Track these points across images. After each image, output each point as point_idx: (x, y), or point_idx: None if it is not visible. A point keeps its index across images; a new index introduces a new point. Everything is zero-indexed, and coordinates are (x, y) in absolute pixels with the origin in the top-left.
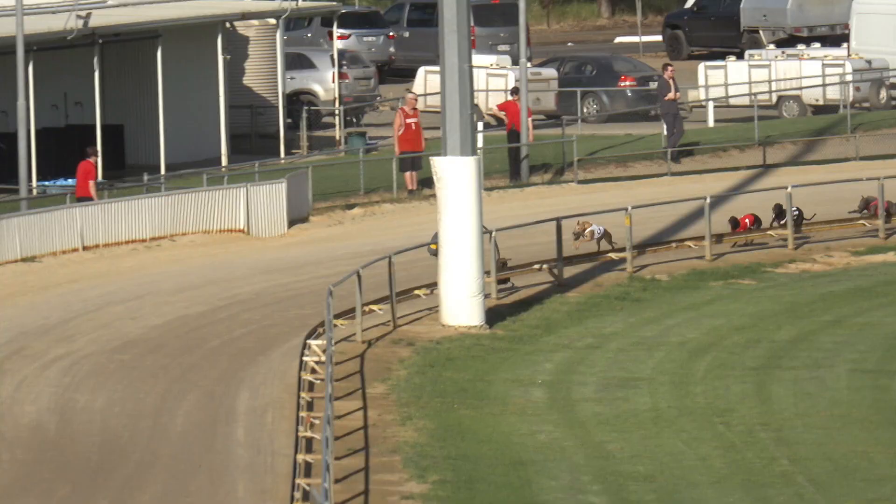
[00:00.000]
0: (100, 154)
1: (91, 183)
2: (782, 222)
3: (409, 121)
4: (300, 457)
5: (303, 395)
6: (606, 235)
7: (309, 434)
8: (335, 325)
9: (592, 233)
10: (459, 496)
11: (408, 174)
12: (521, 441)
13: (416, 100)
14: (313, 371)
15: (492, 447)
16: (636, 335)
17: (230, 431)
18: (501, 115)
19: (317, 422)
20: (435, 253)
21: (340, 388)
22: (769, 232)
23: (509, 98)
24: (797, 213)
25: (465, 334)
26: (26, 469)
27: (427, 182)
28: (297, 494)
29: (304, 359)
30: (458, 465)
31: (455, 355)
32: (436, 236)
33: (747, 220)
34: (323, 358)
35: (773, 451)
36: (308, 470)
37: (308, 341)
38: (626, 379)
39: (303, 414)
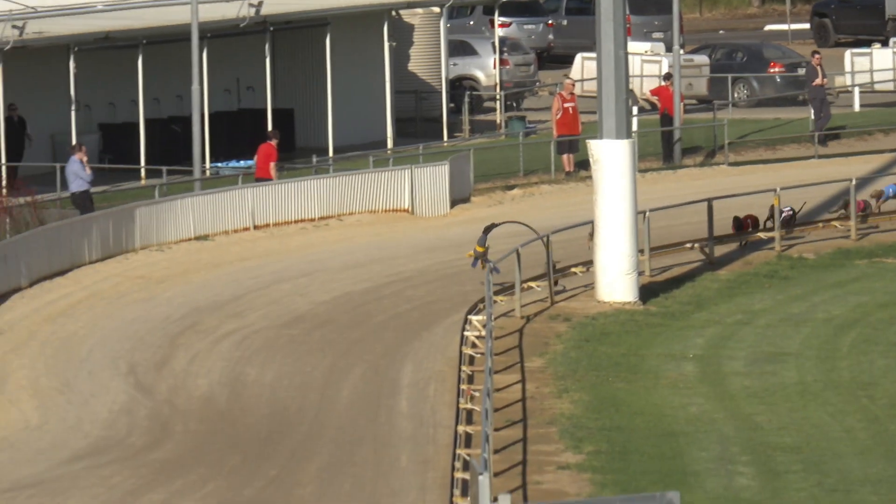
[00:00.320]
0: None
1: (272, 164)
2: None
3: (566, 105)
4: (461, 428)
5: (464, 368)
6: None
7: (469, 406)
8: (495, 302)
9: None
10: (613, 466)
11: (565, 156)
12: (673, 413)
13: (573, 85)
14: (474, 345)
15: (645, 419)
16: (784, 311)
17: (394, 403)
18: (655, 99)
19: (477, 394)
20: (477, 258)
21: (500, 361)
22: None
23: (662, 83)
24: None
25: (619, 310)
26: (199, 440)
27: (584, 164)
28: (458, 464)
29: (465, 334)
30: (612, 436)
31: (610, 330)
32: (481, 239)
33: (749, 221)
34: (483, 333)
35: None
36: (468, 441)
37: (469, 317)
38: (774, 354)
39: (463, 387)
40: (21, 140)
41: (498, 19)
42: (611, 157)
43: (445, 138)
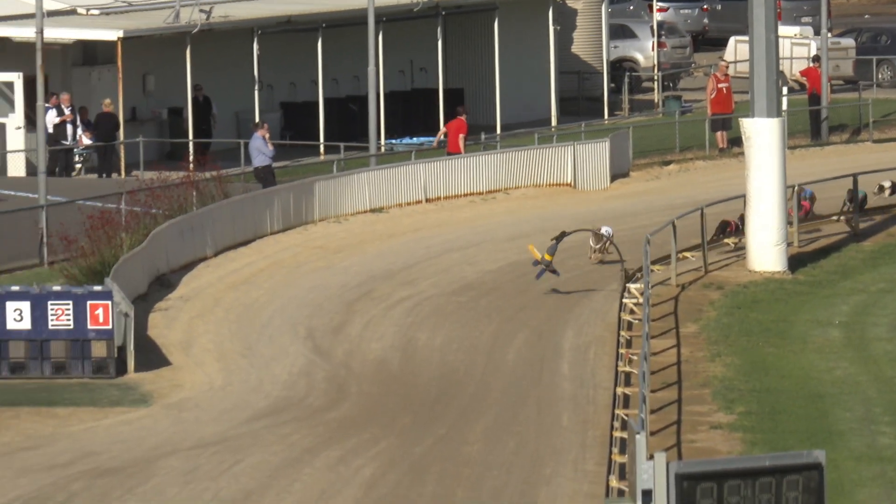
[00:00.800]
0: (439, 114)
1: (461, 137)
2: None
3: (720, 85)
4: (619, 390)
5: (622, 333)
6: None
7: (627, 369)
8: (651, 271)
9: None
10: (763, 426)
11: (719, 133)
12: (819, 376)
13: (727, 66)
14: (632, 312)
15: (792, 382)
16: None
17: (556, 366)
18: (803, 80)
19: (634, 358)
20: (542, 267)
21: (656, 327)
22: None
23: (811, 65)
24: None
25: (769, 279)
26: (372, 400)
27: (736, 141)
28: (616, 424)
29: (624, 301)
30: (761, 397)
31: (760, 298)
32: (552, 247)
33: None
34: (641, 300)
35: None
36: (626, 401)
37: (627, 285)
38: None
39: (622, 350)
40: (207, 119)
41: (656, 4)
42: (762, 134)
43: (606, 117)
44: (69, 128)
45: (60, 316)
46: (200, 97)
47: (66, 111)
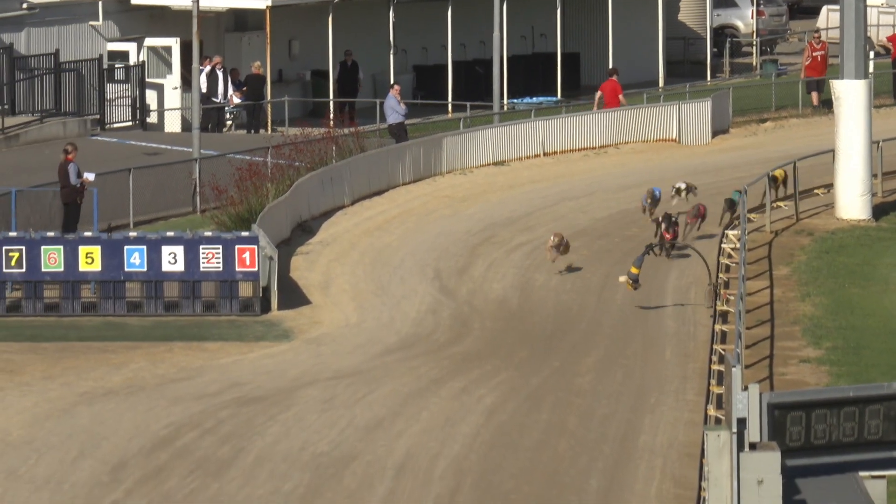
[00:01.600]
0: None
1: (620, 96)
2: None
3: (815, 53)
4: (717, 327)
5: (721, 275)
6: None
7: (725, 308)
8: (748, 219)
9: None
10: (848, 360)
11: (814, 93)
12: None
13: (820, 35)
14: (729, 256)
15: (876, 320)
16: None
17: (661, 304)
18: (889, 45)
19: (731, 298)
20: (632, 282)
21: (751, 270)
22: None
23: None
24: None
25: (854, 226)
26: (493, 335)
27: (826, 102)
28: (714, 358)
29: (722, 245)
30: (847, 334)
31: (846, 243)
32: (638, 260)
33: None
34: (737, 245)
35: None
36: (723, 337)
37: (726, 231)
38: None
39: (721, 291)
40: (354, 81)
41: None
42: (850, 94)
43: (708, 78)
44: (220, 87)
45: (211, 259)
46: (349, 62)
47: (219, 73)
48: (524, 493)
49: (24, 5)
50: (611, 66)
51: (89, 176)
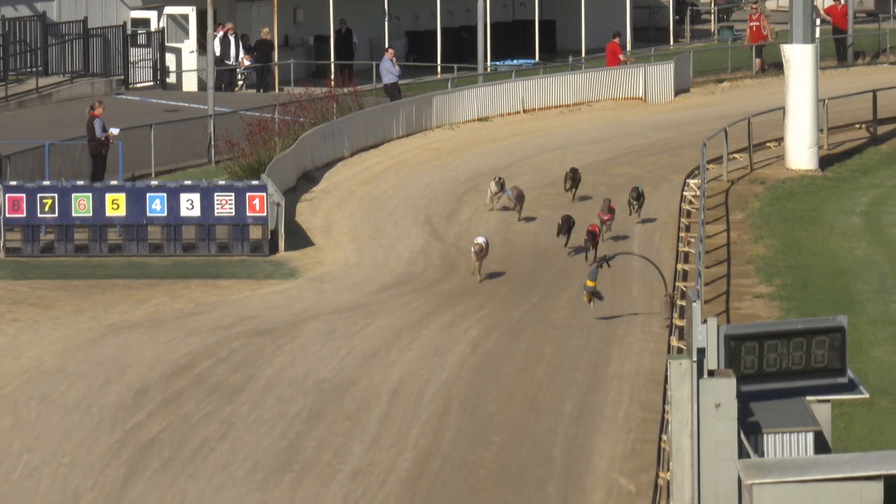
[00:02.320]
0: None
1: (620, 57)
2: None
3: (751, 24)
4: (679, 266)
5: (682, 220)
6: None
7: (686, 249)
8: (707, 169)
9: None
10: (796, 295)
11: (757, 59)
12: (843, 255)
13: (757, 9)
14: (690, 202)
15: (821, 260)
16: None
17: (629, 246)
18: (828, 18)
19: (692, 240)
20: (591, 295)
21: (710, 215)
22: None
23: (835, 3)
24: None
25: (803, 176)
26: (473, 275)
27: (778, 64)
28: (677, 294)
29: (684, 193)
30: (795, 272)
31: (795, 191)
32: (593, 272)
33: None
34: (698, 193)
35: None
36: (685, 275)
37: (687, 180)
38: None
39: (682, 234)
40: (348, 47)
41: None
42: (798, 57)
43: (671, 43)
44: (232, 51)
45: (224, 205)
46: (343, 29)
47: (231, 38)
48: (505, 416)
49: None
50: (613, 33)
51: (114, 131)
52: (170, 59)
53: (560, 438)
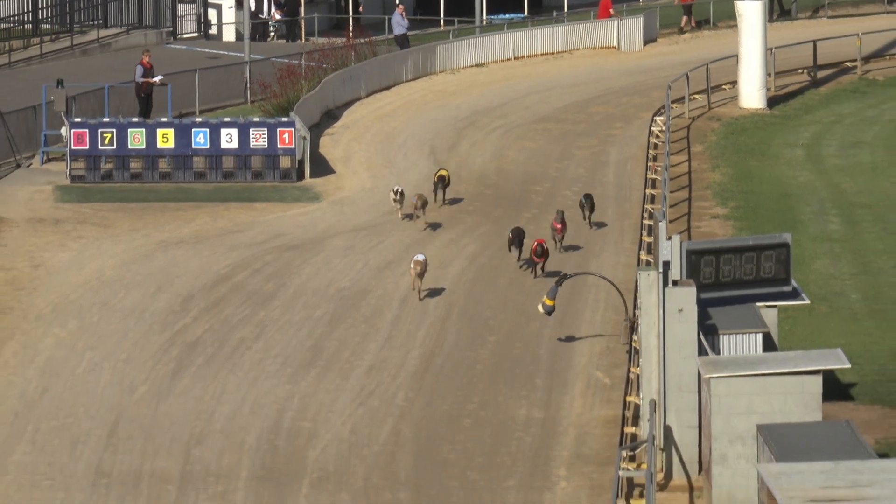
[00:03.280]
0: None
1: (610, 9)
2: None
3: None
4: (648, 191)
5: (650, 151)
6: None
7: (653, 176)
8: (671, 108)
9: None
10: (747, 216)
11: (684, 17)
12: (788, 182)
13: None
14: (657, 136)
15: (769, 186)
16: (862, 115)
17: (604, 175)
18: None
19: (659, 169)
20: (547, 313)
21: (674, 147)
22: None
23: None
24: None
25: (753, 114)
26: (475, 197)
27: (707, 20)
28: (646, 215)
29: (652, 128)
30: (747, 196)
31: (747, 127)
32: (552, 291)
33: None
34: (663, 128)
35: None
36: (652, 199)
37: (654, 118)
38: (855, 142)
39: (650, 164)
40: (356, 4)
41: None
42: (750, 12)
43: (641, 1)
44: (265, 6)
45: (258, 139)
46: None
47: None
48: (499, 321)
49: None
50: None
51: (158, 78)
52: (211, 14)
53: (546, 339)
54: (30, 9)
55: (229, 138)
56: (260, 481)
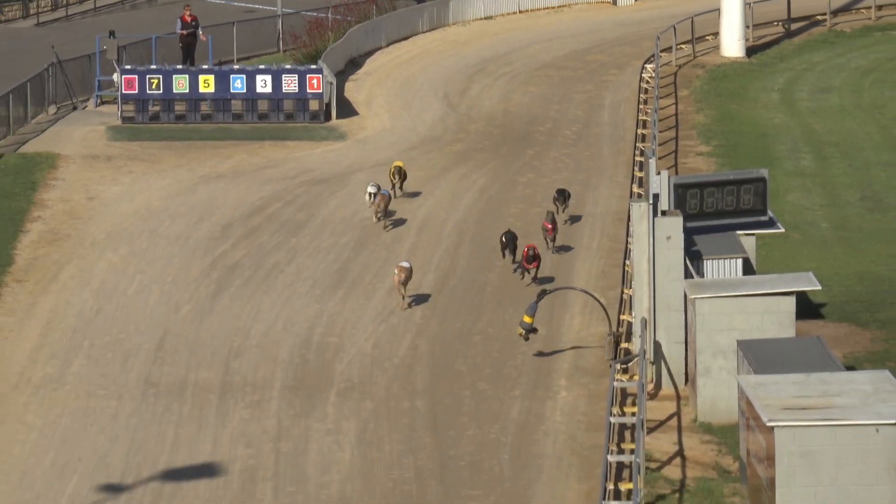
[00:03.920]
0: None
1: None
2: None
3: None
4: (639, 131)
5: (641, 95)
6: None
7: (644, 118)
8: (660, 56)
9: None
10: (729, 154)
11: None
12: (764, 123)
13: None
14: (647, 82)
15: (748, 126)
16: (831, 63)
17: (599, 116)
18: None
19: (649, 111)
20: (525, 332)
21: (662, 91)
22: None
23: None
24: None
25: (734, 62)
26: (483, 135)
27: None
28: (637, 152)
29: (642, 75)
30: (728, 136)
31: (728, 73)
32: (531, 308)
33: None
34: (653, 74)
35: None
36: (643, 138)
37: (645, 65)
38: (825, 87)
39: (641, 106)
40: None
41: None
42: None
43: None
44: None
45: (290, 84)
46: None
47: None
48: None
49: None
50: None
51: (200, 32)
52: None
53: (548, 263)
54: None
55: (263, 84)
56: (291, 391)
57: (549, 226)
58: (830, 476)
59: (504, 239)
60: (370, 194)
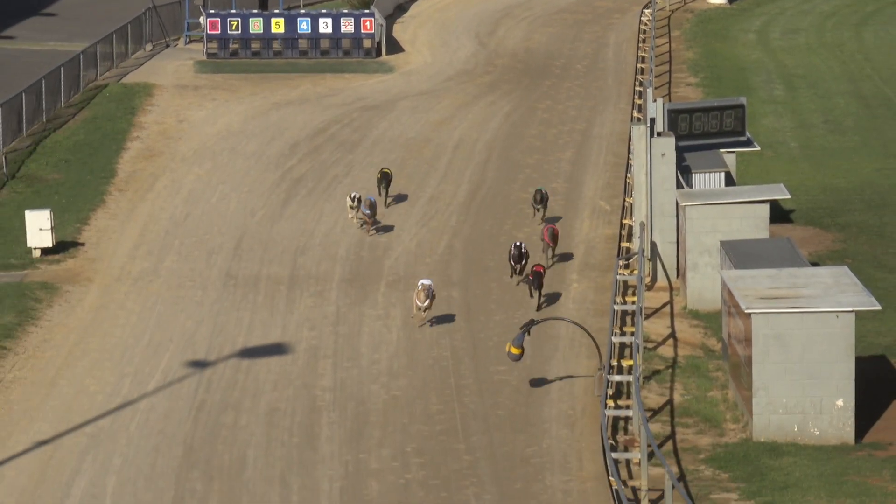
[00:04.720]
0: None
1: None
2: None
3: None
4: (638, 65)
5: (640, 35)
6: None
7: (643, 54)
8: (656, 2)
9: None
10: (714, 84)
11: None
12: (743, 58)
13: None
14: (645, 24)
15: (730, 62)
16: (799, 8)
17: (605, 52)
18: None
19: (647, 48)
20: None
21: (658, 32)
22: None
23: None
24: None
25: (718, 7)
26: (509, 69)
27: None
28: (637, 83)
29: (641, 18)
30: (713, 70)
31: (713, 17)
32: (518, 339)
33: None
34: (650, 18)
35: (868, 69)
36: (642, 71)
37: (643, 10)
38: (794, 29)
39: (640, 45)
40: None
41: None
42: None
43: None
44: None
45: (347, 26)
46: None
47: None
48: (526, 160)
49: None
50: None
51: None
52: None
53: (563, 176)
54: None
55: (325, 25)
56: (348, 283)
57: (551, 243)
58: (798, 354)
59: (513, 255)
60: (352, 198)
